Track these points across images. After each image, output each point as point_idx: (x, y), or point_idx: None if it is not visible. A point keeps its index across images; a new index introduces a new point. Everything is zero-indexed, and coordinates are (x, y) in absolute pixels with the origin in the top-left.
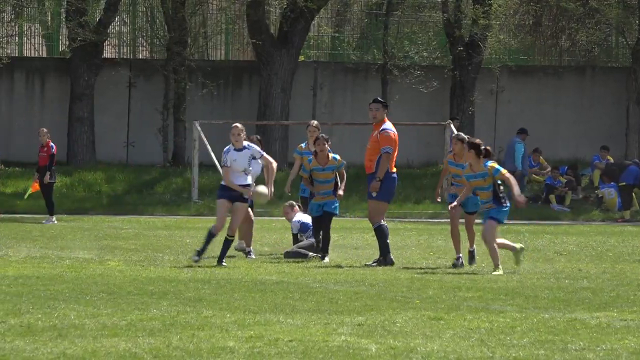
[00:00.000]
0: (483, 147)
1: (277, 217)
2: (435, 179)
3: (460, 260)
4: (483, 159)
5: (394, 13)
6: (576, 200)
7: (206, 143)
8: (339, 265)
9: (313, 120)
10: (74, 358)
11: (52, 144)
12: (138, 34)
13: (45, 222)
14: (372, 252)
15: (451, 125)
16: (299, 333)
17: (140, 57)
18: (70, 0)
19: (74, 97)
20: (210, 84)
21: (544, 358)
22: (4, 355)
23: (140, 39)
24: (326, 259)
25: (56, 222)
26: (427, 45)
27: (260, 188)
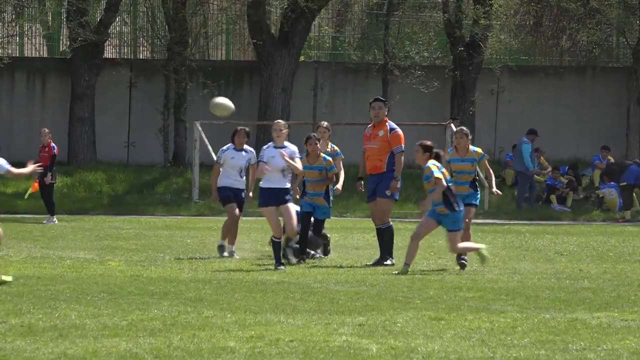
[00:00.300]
0: (435, 150)
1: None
2: None
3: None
4: (429, 159)
5: (395, 13)
6: (577, 201)
7: (207, 143)
8: (340, 266)
9: (323, 121)
10: (74, 358)
11: (54, 145)
12: (139, 34)
13: (46, 222)
14: (373, 252)
15: (452, 125)
16: (300, 333)
17: (141, 57)
18: (71, 0)
19: (75, 97)
20: (211, 84)
21: (544, 358)
22: (4, 355)
23: (141, 39)
24: (294, 260)
25: (57, 222)
26: (428, 45)
27: (219, 99)
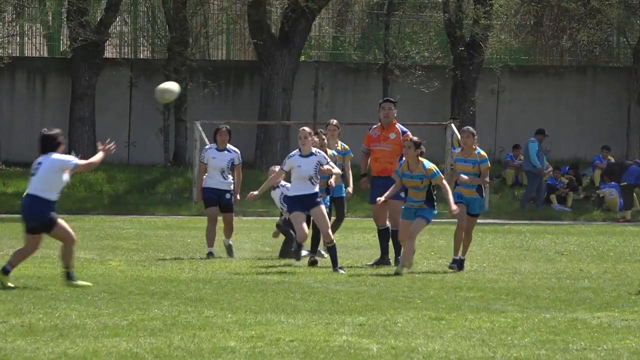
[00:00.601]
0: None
1: (277, 217)
2: None
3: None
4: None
5: (395, 13)
6: (577, 200)
7: (207, 143)
8: (340, 266)
9: (332, 119)
10: (75, 358)
11: None
12: (139, 34)
13: None
14: (373, 252)
15: (452, 125)
16: (300, 333)
17: (142, 57)
18: (71, 0)
19: (75, 97)
20: (212, 84)
21: (545, 358)
22: (5, 355)
23: (141, 38)
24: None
25: None
26: (428, 45)
27: (168, 84)
